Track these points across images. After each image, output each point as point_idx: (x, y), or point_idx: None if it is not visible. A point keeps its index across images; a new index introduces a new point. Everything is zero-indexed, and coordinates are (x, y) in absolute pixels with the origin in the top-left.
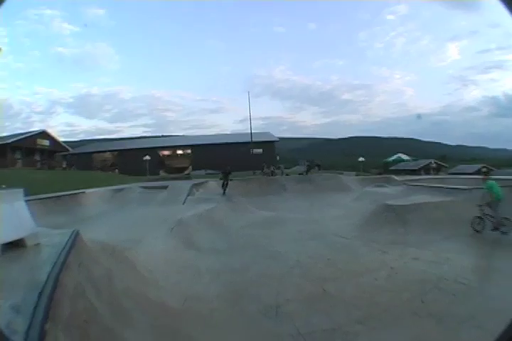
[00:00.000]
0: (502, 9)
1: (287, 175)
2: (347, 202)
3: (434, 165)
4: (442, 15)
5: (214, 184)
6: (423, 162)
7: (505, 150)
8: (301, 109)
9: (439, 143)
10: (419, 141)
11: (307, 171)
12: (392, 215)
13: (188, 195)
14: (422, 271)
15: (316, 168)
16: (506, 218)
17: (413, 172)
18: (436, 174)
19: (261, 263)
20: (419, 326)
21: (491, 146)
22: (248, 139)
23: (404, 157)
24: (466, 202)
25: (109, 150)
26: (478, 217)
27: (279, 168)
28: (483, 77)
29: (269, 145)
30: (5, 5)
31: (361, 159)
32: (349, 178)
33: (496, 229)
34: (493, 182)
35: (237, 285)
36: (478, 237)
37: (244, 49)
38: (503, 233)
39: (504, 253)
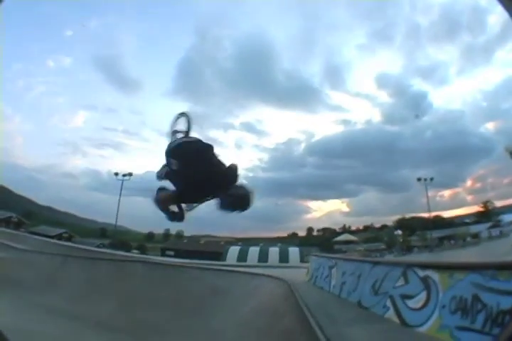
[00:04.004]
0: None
1: None
2: None
3: (15, 219)
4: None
5: None
6: (4, 214)
7: (95, 221)
8: None
9: (30, 200)
10: (10, 190)
11: None
12: None
13: None
14: None
15: None
16: None
17: None
18: (16, 229)
19: None
20: None
21: (81, 215)
22: None
23: None
24: (17, 262)
25: None
26: None
27: None
28: (95, 151)
29: None
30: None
31: None
32: None
33: None
34: None
35: None
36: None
37: None
38: None
39: None
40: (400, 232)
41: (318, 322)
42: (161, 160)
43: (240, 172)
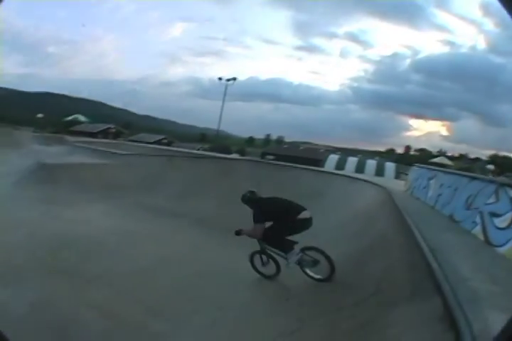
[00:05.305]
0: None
1: None
2: (11, 159)
3: (113, 130)
4: None
5: None
6: (102, 126)
7: (195, 127)
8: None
9: (127, 110)
10: (107, 105)
11: None
12: (45, 173)
13: None
14: (60, 229)
15: None
16: None
17: (90, 134)
18: (114, 139)
19: None
20: (51, 283)
21: (180, 121)
22: None
23: (82, 118)
24: (120, 167)
25: None
26: None
27: None
28: (195, 60)
29: None
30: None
31: (40, 115)
32: (25, 134)
33: None
34: None
35: None
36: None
37: None
38: None
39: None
40: (492, 168)
41: (417, 226)
42: (263, 66)
43: (345, 81)
